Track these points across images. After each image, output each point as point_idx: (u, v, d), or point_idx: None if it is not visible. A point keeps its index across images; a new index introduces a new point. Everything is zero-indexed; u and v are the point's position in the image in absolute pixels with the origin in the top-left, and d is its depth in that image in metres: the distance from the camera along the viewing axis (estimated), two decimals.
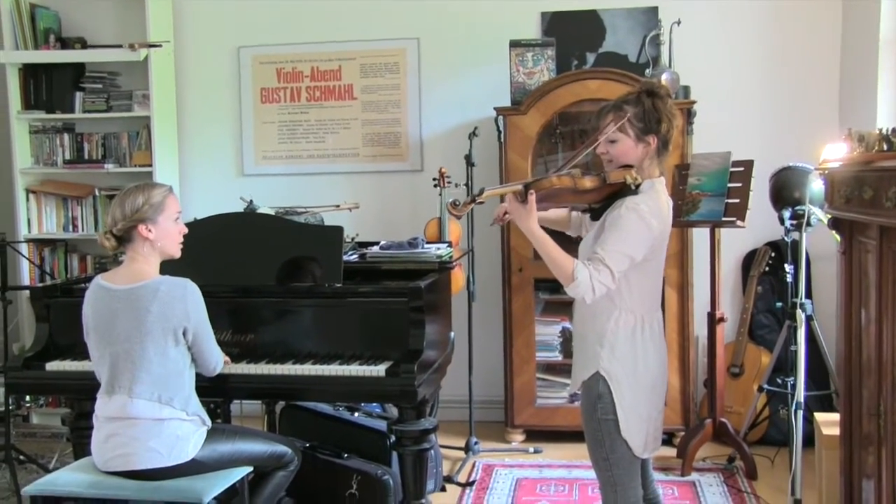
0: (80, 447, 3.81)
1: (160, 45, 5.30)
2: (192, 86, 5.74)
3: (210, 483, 3.11)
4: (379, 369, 3.50)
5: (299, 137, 5.64)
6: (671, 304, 4.91)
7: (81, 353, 3.67)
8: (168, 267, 3.25)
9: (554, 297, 5.19)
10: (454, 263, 4.16)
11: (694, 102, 4.81)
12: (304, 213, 4.49)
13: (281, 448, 3.36)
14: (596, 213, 2.95)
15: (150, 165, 5.44)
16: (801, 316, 4.22)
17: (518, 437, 5.15)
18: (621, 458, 2.88)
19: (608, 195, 2.89)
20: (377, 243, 4.38)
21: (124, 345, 3.05)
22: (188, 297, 3.09)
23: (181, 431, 3.06)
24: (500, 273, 5.11)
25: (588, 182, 2.83)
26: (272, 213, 4.32)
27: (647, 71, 4.98)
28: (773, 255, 5.08)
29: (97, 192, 5.60)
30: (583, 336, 2.95)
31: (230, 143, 5.74)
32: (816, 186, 4.38)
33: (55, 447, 5.18)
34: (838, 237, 3.29)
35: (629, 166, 2.86)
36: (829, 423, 3.69)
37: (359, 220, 4.91)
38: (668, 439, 5.03)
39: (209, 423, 3.17)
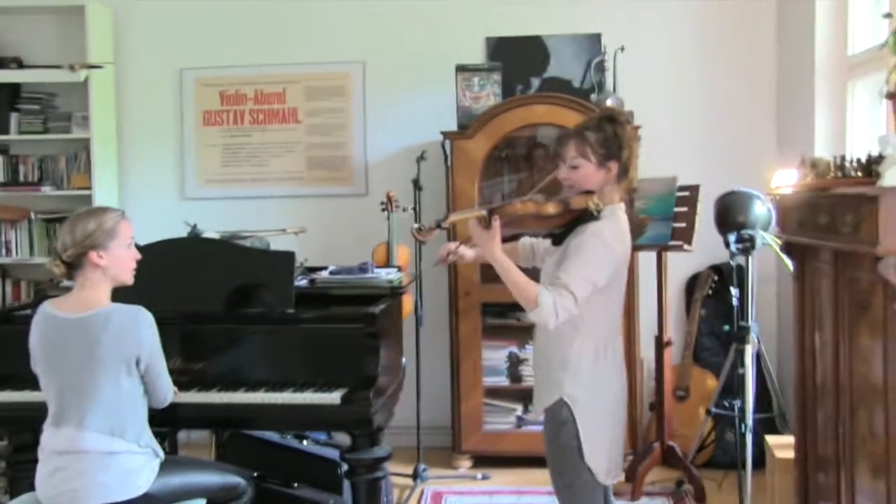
0: (18, 482, 3.64)
1: (101, 67, 5.19)
2: (133, 107, 5.63)
3: None
4: (334, 396, 3.44)
5: (242, 161, 5.56)
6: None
7: (21, 382, 3.57)
8: (115, 293, 3.16)
9: (501, 321, 5.18)
10: (404, 289, 4.13)
11: (639, 127, 4.85)
12: (250, 238, 4.41)
13: (234, 479, 3.28)
14: (557, 239, 2.96)
15: (90, 188, 5.31)
16: (752, 338, 4.30)
17: (465, 464, 5.11)
18: (585, 485, 2.88)
19: (570, 221, 2.90)
20: (325, 268, 4.34)
21: (74, 375, 2.95)
22: (141, 326, 3.01)
23: (133, 465, 2.97)
24: (446, 297, 5.10)
25: (551, 208, 2.84)
26: (217, 237, 4.24)
27: (593, 96, 5.04)
28: (715, 278, 5.14)
29: (33, 216, 5.44)
30: (546, 361, 2.94)
31: (172, 166, 5.63)
32: (760, 210, 4.48)
33: None
34: (789, 262, 3.35)
35: (590, 192, 2.88)
36: (780, 445, 3.74)
37: (304, 245, 4.82)
38: None
39: (162, 455, 3.09)
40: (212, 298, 3.70)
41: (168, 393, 3.17)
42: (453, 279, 5.02)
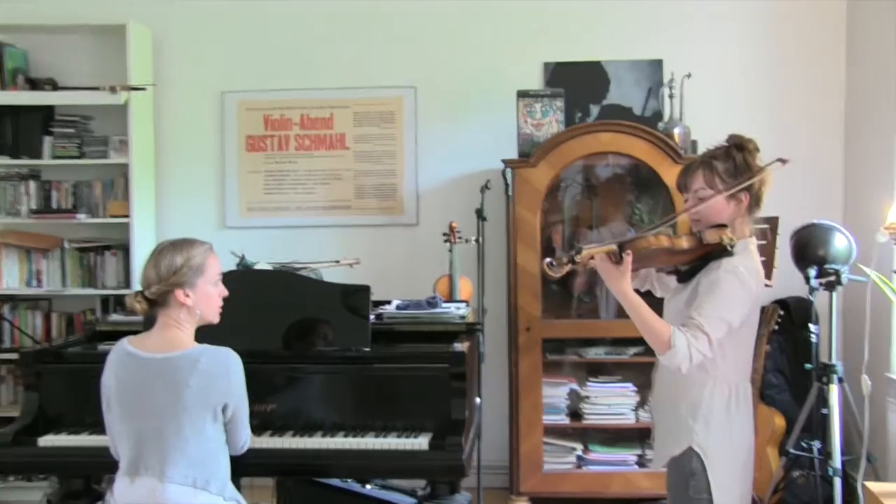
0: None
1: (144, 89, 4.96)
2: (172, 132, 5.40)
3: None
4: (420, 441, 3.22)
5: (287, 188, 5.34)
6: None
7: (76, 425, 3.36)
8: None
9: (561, 357, 4.97)
10: (481, 325, 3.91)
11: None
12: (303, 269, 4.20)
13: None
14: (684, 276, 2.75)
15: (128, 216, 5.07)
16: (834, 378, 4.10)
17: None
18: None
19: (700, 256, 2.69)
20: (388, 302, 4.12)
21: (155, 421, 2.71)
22: (231, 371, 2.78)
23: None
24: (506, 332, 4.88)
25: (685, 242, 2.64)
26: (270, 268, 4.02)
27: (660, 124, 4.85)
28: (781, 313, 4.95)
29: (66, 245, 5.19)
30: (672, 407, 2.73)
31: (212, 194, 5.40)
32: (841, 244, 4.30)
33: None
34: None
35: (722, 226, 2.68)
36: (886, 493, 3.51)
37: (354, 277, 4.60)
38: None
39: None
40: (282, 335, 3.47)
41: (247, 440, 2.95)
42: (513, 313, 4.80)
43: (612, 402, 4.87)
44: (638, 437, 4.96)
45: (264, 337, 3.44)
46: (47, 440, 3.31)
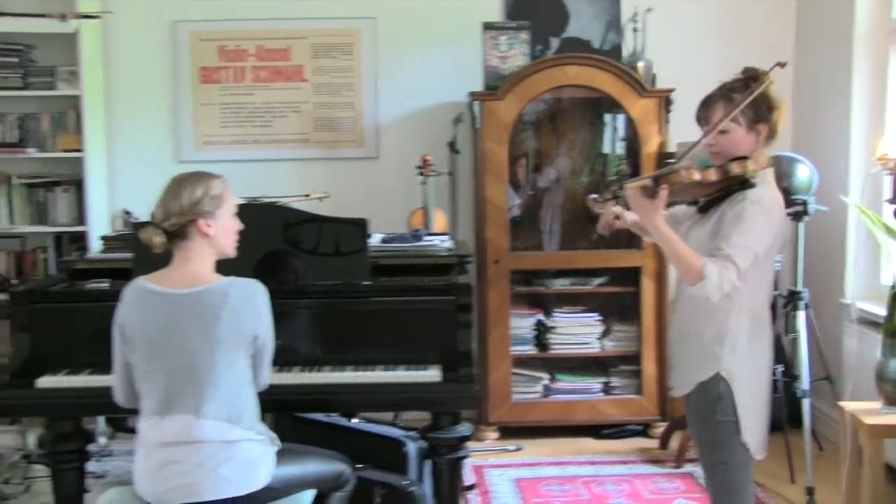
0: (62, 474, 3.34)
1: (98, 17, 4.72)
2: (121, 64, 5.18)
3: None
4: (432, 374, 3.23)
5: (243, 121, 5.20)
6: (648, 294, 4.88)
7: (68, 366, 3.26)
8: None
9: (529, 289, 5.04)
10: (471, 257, 3.93)
11: (673, 90, 4.77)
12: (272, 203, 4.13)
13: (341, 465, 3.04)
14: (705, 207, 2.82)
15: (80, 150, 4.86)
16: (801, 304, 4.30)
17: (492, 435, 4.96)
18: (739, 462, 2.77)
19: (723, 188, 2.76)
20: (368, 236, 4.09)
21: (189, 358, 2.65)
22: (260, 301, 2.74)
23: (253, 454, 2.70)
24: (474, 265, 4.91)
25: (713, 174, 2.70)
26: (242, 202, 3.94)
27: (624, 57, 4.90)
28: None
29: (13, 180, 4.96)
30: (696, 336, 2.80)
31: (165, 127, 5.22)
32: (803, 175, 4.46)
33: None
34: None
35: (744, 158, 2.74)
36: (861, 411, 3.73)
37: (318, 211, 4.56)
38: (643, 430, 5.01)
39: (279, 442, 2.82)
40: (283, 270, 3.42)
41: (269, 374, 2.91)
42: (481, 246, 4.83)
43: (577, 331, 4.98)
44: (602, 365, 5.10)
45: (263, 272, 3.36)
46: (45, 381, 3.20)
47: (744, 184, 2.72)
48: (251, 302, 2.72)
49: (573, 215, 5.21)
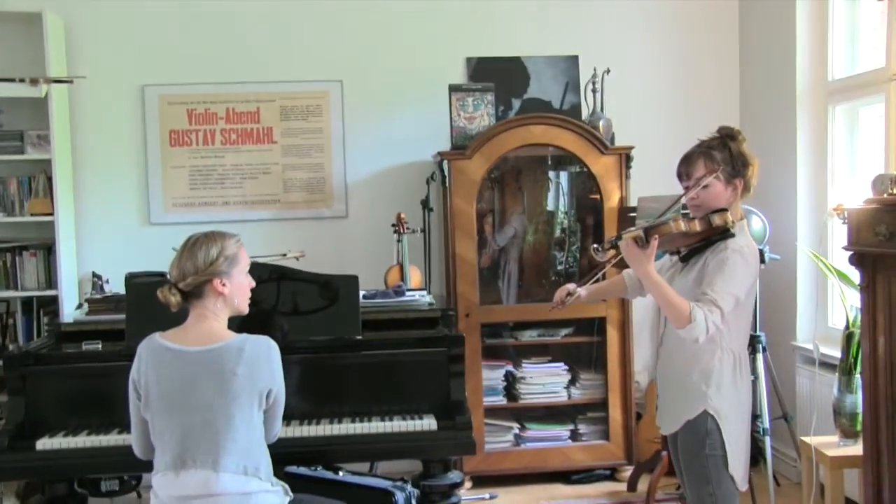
0: None
1: (71, 81, 4.78)
2: (89, 127, 5.22)
3: None
4: (429, 423, 3.37)
5: (213, 183, 5.28)
6: (613, 342, 5.06)
7: (63, 427, 3.34)
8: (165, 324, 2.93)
9: (498, 341, 5.18)
10: (455, 312, 4.07)
11: (632, 147, 5.01)
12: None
13: None
14: (687, 256, 3.02)
15: (51, 214, 4.89)
16: (760, 347, 4.53)
17: (466, 485, 5.06)
18: (726, 493, 2.97)
19: (704, 238, 2.97)
20: None
21: (204, 413, 2.73)
22: (273, 357, 2.84)
23: None
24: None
25: (697, 226, 2.91)
26: None
27: (585, 117, 5.14)
28: None
29: None
30: (684, 376, 2.99)
31: (134, 190, 5.27)
32: (757, 226, 4.71)
33: None
34: (856, 273, 3.57)
35: (723, 210, 2.96)
36: (823, 445, 3.96)
37: None
38: (611, 474, 5.16)
39: (291, 493, 2.89)
40: (278, 327, 3.51)
41: (279, 428, 2.99)
42: (453, 301, 4.97)
43: (545, 381, 5.13)
44: (570, 413, 5.25)
45: (260, 328, 3.45)
46: (45, 443, 3.24)
47: (724, 234, 2.94)
48: (266, 357, 2.82)
49: (536, 269, 5.40)
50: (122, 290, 4.20)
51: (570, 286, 3.23)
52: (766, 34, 5.31)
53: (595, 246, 2.92)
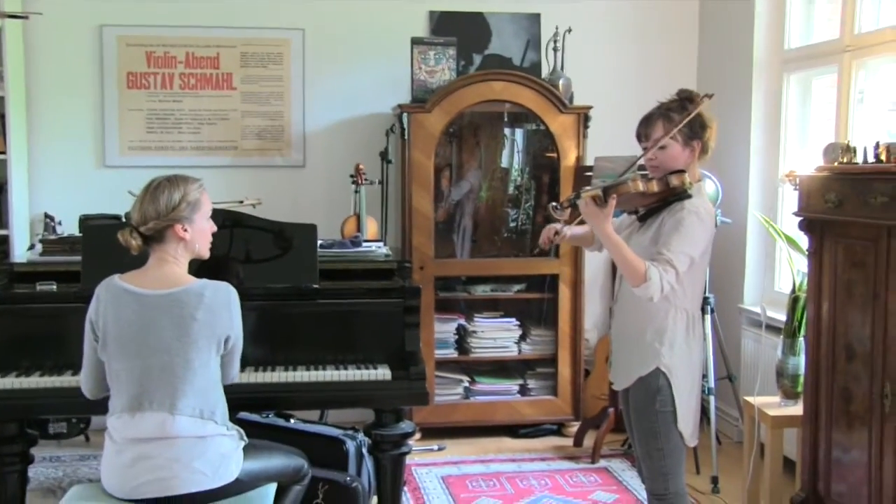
0: (3, 478, 3.37)
1: (27, 17, 4.67)
2: (45, 66, 5.13)
3: None
4: (383, 372, 3.41)
5: (171, 127, 5.23)
6: (565, 299, 5.14)
7: (15, 368, 3.31)
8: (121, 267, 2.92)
9: (451, 294, 5.24)
10: (413, 264, 4.10)
11: (591, 107, 5.06)
12: None
13: (300, 461, 3.17)
14: (644, 216, 3.08)
15: (4, 153, 4.82)
16: (708, 309, 4.63)
17: (415, 436, 5.13)
18: (674, 448, 3.04)
19: (662, 199, 3.02)
20: None
21: (162, 356, 2.74)
22: (232, 303, 2.86)
23: (224, 449, 2.81)
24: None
25: (655, 186, 2.96)
26: None
27: (545, 75, 5.16)
28: None
29: None
30: (638, 334, 3.05)
31: (90, 132, 5.20)
32: (710, 188, 4.79)
33: None
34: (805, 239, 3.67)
35: (681, 171, 3.01)
36: (764, 404, 4.08)
37: None
38: (557, 429, 5.27)
39: (246, 438, 2.93)
40: (235, 273, 3.51)
41: (237, 373, 3.02)
42: (408, 253, 5.00)
43: (496, 336, 5.21)
44: (520, 368, 5.34)
45: (216, 275, 3.46)
46: None
47: (681, 195, 3.00)
48: (226, 303, 2.83)
49: (490, 225, 5.46)
50: (75, 232, 4.19)
51: (557, 225, 3.23)
52: (725, 1, 5.36)
53: (553, 204, 2.96)
